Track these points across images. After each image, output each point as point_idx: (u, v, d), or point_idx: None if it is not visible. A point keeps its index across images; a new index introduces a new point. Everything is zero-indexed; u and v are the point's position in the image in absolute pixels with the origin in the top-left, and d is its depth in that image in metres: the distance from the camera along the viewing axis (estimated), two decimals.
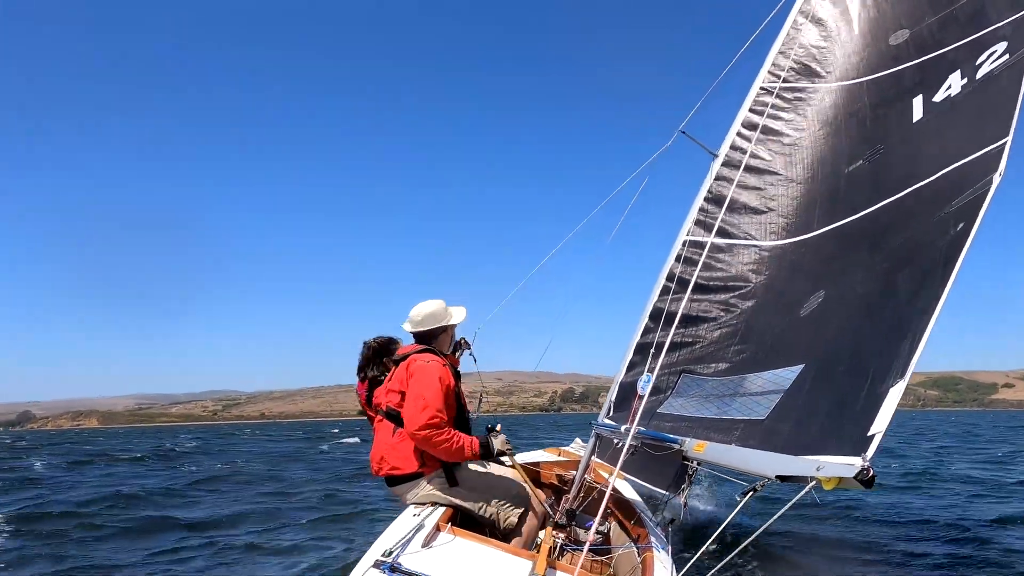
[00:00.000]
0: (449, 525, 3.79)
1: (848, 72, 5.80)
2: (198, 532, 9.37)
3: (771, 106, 5.77)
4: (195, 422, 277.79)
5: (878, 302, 3.54)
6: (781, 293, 4.75)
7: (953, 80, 4.58)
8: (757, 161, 5.61)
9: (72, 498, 12.93)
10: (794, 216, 5.19)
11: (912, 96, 4.90)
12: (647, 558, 4.19)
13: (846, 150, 5.22)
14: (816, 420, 3.35)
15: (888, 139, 4.80)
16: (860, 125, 5.26)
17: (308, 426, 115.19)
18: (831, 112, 5.65)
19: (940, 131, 4.30)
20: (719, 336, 4.89)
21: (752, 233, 5.29)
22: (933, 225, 3.49)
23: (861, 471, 2.56)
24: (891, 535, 8.79)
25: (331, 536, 8.87)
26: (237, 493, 13.93)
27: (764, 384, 4.01)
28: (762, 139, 5.67)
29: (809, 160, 5.45)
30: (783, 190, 5.39)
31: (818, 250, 4.72)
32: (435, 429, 3.81)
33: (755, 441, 3.72)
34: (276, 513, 10.92)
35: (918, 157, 4.28)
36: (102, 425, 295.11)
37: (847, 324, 3.71)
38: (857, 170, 4.90)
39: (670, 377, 4.86)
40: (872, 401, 2.91)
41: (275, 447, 34.48)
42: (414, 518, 3.82)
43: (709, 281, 5.16)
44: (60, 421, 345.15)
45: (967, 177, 3.48)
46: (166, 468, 21.04)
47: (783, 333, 4.36)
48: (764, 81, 5.97)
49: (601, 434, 5.13)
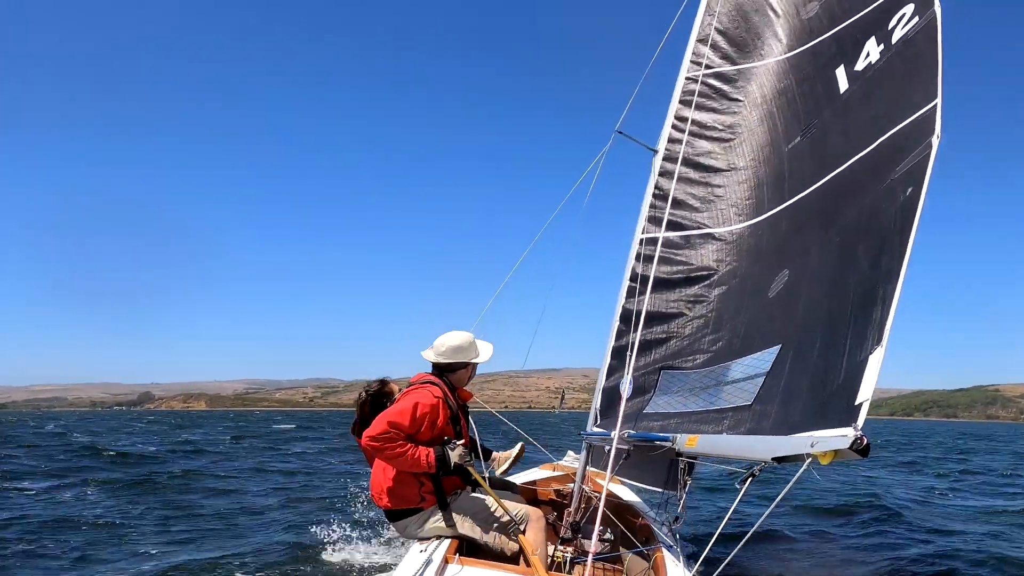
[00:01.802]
0: (457, 556, 3.78)
1: (769, 51, 5.84)
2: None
3: (699, 95, 5.80)
4: (293, 407, 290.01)
5: (841, 275, 3.61)
6: (746, 278, 4.81)
7: (871, 48, 4.68)
8: (697, 151, 5.65)
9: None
10: (744, 200, 5.26)
11: (834, 68, 5.00)
12: (658, 558, 4.20)
13: (781, 129, 5.30)
14: (801, 397, 3.40)
15: (821, 113, 4.90)
16: (791, 103, 5.35)
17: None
18: (759, 93, 5.70)
19: (869, 100, 4.40)
20: (693, 329, 4.93)
21: (705, 222, 5.35)
22: (881, 193, 3.58)
23: (855, 441, 2.61)
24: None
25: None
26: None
27: (745, 370, 4.06)
28: (696, 129, 5.71)
29: (748, 143, 5.52)
30: (729, 177, 5.46)
31: (774, 231, 4.79)
32: (383, 441, 3.80)
33: (745, 427, 3.77)
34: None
35: (853, 128, 4.38)
36: (209, 407, 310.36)
37: (815, 300, 3.78)
38: (797, 147, 4.99)
39: (650, 376, 4.89)
40: (853, 371, 2.96)
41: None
42: (421, 554, 3.81)
43: (672, 275, 5.20)
44: (173, 403, 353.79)
45: (906, 143, 3.58)
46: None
47: (755, 317, 4.42)
48: (688, 71, 5.98)
49: (592, 443, 5.13)
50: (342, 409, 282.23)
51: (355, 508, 9.30)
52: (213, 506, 10.72)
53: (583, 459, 5.16)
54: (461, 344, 4.38)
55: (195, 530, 8.78)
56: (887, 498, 12.13)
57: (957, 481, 16.94)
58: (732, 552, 3.32)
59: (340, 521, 8.04)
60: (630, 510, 5.42)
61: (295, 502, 11.05)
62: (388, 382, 4.59)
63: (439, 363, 4.39)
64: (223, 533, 8.62)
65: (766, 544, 7.84)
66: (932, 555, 7.59)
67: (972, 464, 23.14)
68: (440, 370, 4.40)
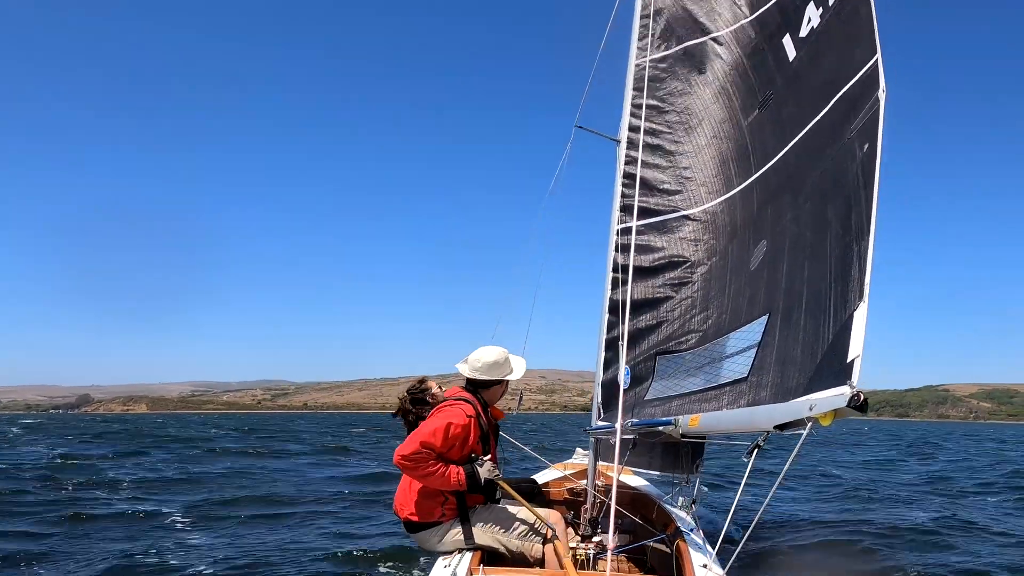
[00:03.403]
0: (481, 567, 3.80)
1: (715, 26, 5.84)
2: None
3: (650, 79, 5.82)
4: (239, 410, 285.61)
5: (816, 237, 3.68)
6: (726, 254, 4.88)
7: (811, 12, 4.76)
8: (658, 135, 5.71)
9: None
10: (712, 179, 5.34)
11: (780, 37, 5.07)
12: (679, 544, 4.24)
13: (738, 103, 5.37)
14: (795, 363, 3.45)
15: (773, 83, 4.97)
16: (743, 77, 5.41)
17: (324, 418, 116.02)
18: (710, 70, 5.73)
19: (816, 63, 4.49)
20: (682, 311, 4.99)
21: (678, 204, 5.42)
22: (840, 153, 3.66)
23: (853, 398, 2.65)
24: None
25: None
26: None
27: (737, 343, 4.11)
28: (654, 113, 5.77)
29: (707, 122, 5.58)
30: (693, 158, 5.53)
31: (745, 204, 4.86)
32: (415, 461, 3.82)
33: (745, 400, 3.82)
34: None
35: (805, 93, 4.47)
36: (150, 410, 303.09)
37: (795, 265, 3.85)
38: (755, 120, 5.06)
39: (647, 363, 4.93)
40: (841, 330, 3.02)
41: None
42: (445, 569, 3.83)
43: (654, 262, 5.27)
44: (112, 405, 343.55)
45: (856, 101, 3.66)
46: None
47: (740, 291, 4.48)
48: (636, 57, 6.01)
49: (599, 437, 5.16)
50: (288, 412, 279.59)
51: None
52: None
53: (592, 454, 5.20)
54: (497, 360, 4.32)
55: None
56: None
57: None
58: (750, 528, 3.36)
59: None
60: (646, 499, 5.46)
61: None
62: (426, 380, 4.62)
63: (474, 379, 4.34)
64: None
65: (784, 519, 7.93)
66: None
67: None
68: (475, 386, 4.35)
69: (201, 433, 40.94)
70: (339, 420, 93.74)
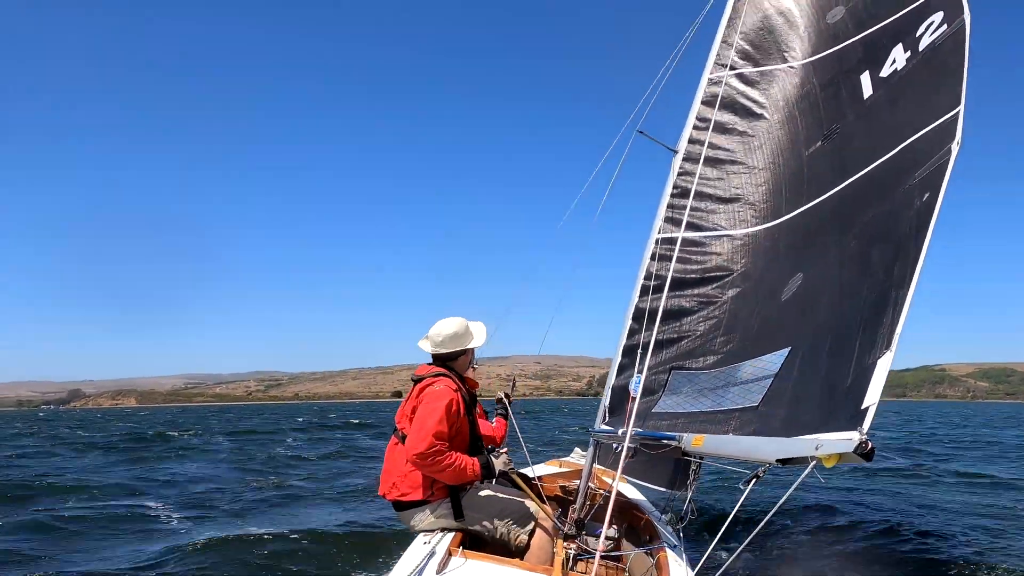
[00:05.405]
0: (461, 549, 3.81)
1: (793, 55, 5.85)
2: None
3: (721, 96, 5.82)
4: (231, 402, 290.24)
5: (856, 279, 3.60)
6: (760, 280, 4.80)
7: (897, 54, 4.67)
8: (717, 152, 5.67)
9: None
10: (762, 203, 5.26)
11: (858, 73, 5.00)
12: (661, 558, 4.21)
13: (802, 132, 5.29)
14: (809, 400, 3.38)
15: (843, 118, 4.88)
16: (813, 107, 5.34)
17: (314, 409, 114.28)
18: (782, 96, 5.70)
19: (892, 105, 4.39)
20: (705, 329, 4.93)
21: (723, 224, 5.35)
22: (899, 198, 3.56)
23: (860, 444, 2.60)
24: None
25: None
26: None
27: (754, 371, 4.05)
28: (718, 130, 5.74)
29: (768, 146, 5.53)
30: (747, 179, 5.46)
31: (791, 234, 4.78)
32: (433, 457, 3.83)
33: (752, 428, 3.76)
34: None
35: (875, 133, 4.36)
36: (139, 404, 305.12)
37: (828, 303, 3.77)
38: (817, 152, 4.97)
39: (661, 376, 4.89)
40: (861, 375, 2.95)
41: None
42: (425, 546, 3.83)
43: (686, 275, 5.21)
44: (101, 400, 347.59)
45: (926, 149, 3.56)
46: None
47: (767, 319, 4.41)
48: (712, 72, 6.03)
49: (600, 440, 5.14)
50: (281, 402, 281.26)
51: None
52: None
53: (590, 456, 5.17)
54: (457, 331, 4.34)
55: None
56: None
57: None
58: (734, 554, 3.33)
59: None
60: (635, 508, 5.43)
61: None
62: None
63: (440, 354, 4.35)
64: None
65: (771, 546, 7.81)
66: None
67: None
68: (442, 360, 4.36)
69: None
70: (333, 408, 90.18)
